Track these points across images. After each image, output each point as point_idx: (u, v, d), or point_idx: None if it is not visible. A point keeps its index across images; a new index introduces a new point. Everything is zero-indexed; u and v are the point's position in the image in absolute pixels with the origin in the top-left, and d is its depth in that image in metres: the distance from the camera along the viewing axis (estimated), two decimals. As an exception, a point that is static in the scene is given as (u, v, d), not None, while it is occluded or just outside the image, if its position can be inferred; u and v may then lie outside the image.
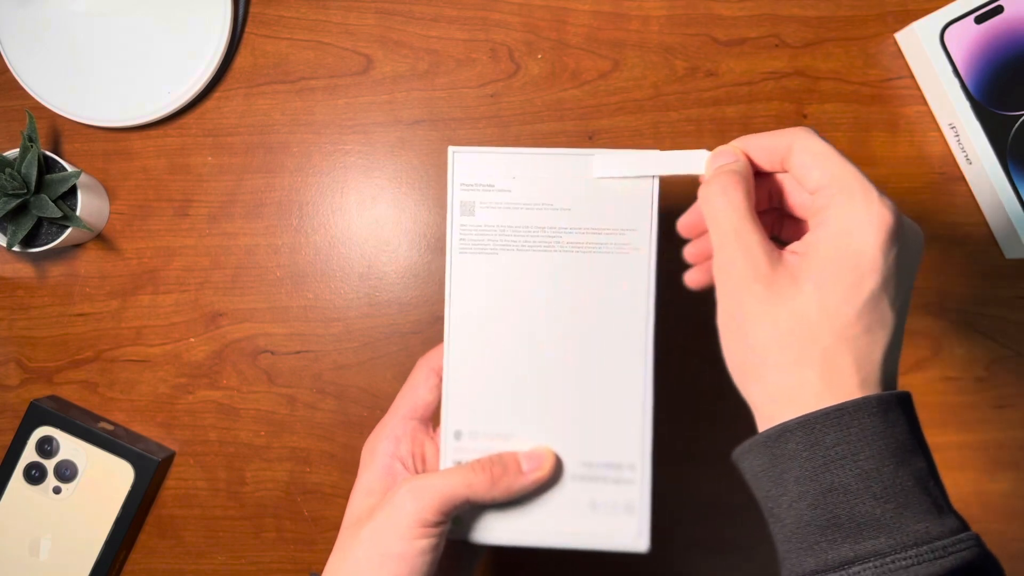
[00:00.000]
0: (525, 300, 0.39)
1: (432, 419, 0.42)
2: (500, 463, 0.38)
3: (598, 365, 0.39)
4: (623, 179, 0.39)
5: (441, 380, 0.40)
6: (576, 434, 0.39)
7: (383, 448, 0.40)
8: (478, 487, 0.37)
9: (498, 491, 0.37)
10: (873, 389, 0.31)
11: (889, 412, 0.30)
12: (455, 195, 0.39)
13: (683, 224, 0.39)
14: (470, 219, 0.39)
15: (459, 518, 0.39)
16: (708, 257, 0.38)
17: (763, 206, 0.37)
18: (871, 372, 0.31)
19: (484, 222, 0.39)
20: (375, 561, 0.35)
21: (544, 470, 0.38)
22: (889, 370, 0.32)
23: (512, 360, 0.39)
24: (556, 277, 0.39)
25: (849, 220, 0.31)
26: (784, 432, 0.31)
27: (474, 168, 0.39)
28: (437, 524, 0.36)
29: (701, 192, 0.35)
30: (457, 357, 0.39)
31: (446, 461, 0.39)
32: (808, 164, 0.33)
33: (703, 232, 0.39)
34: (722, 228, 0.34)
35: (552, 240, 0.39)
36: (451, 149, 0.39)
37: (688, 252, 0.40)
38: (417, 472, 0.40)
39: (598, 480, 0.39)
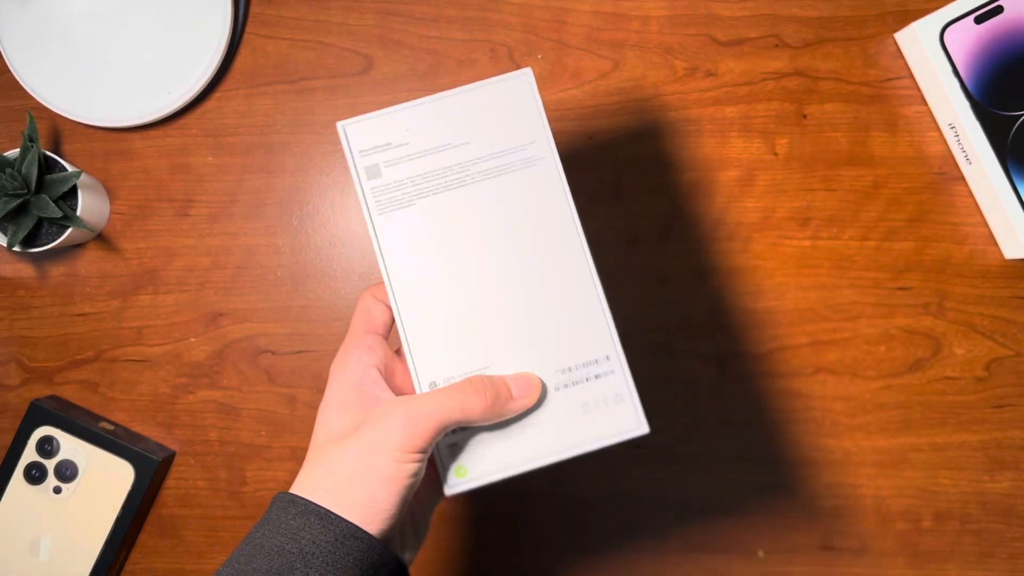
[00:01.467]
0: (456, 238, 0.40)
1: (388, 337, 0.42)
2: (492, 387, 0.38)
3: (544, 275, 0.40)
4: (505, 97, 0.41)
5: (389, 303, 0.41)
6: (547, 347, 0.40)
7: (356, 358, 0.39)
8: (472, 411, 0.37)
9: (491, 413, 0.37)
10: None
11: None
12: (358, 163, 0.40)
13: None
14: (378, 180, 0.40)
15: (462, 467, 0.39)
16: None
17: None
18: None
19: (393, 179, 0.40)
20: (362, 481, 0.35)
21: (533, 395, 0.39)
22: None
23: (463, 299, 0.40)
24: (478, 208, 0.40)
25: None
26: None
27: (367, 134, 0.40)
28: (426, 449, 0.36)
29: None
30: (410, 315, 0.40)
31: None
32: None
33: None
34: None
35: (463, 175, 0.40)
36: (340, 124, 0.41)
37: None
38: (391, 385, 0.39)
39: (580, 382, 0.40)
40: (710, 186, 0.58)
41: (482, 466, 0.39)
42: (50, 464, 0.57)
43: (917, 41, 0.55)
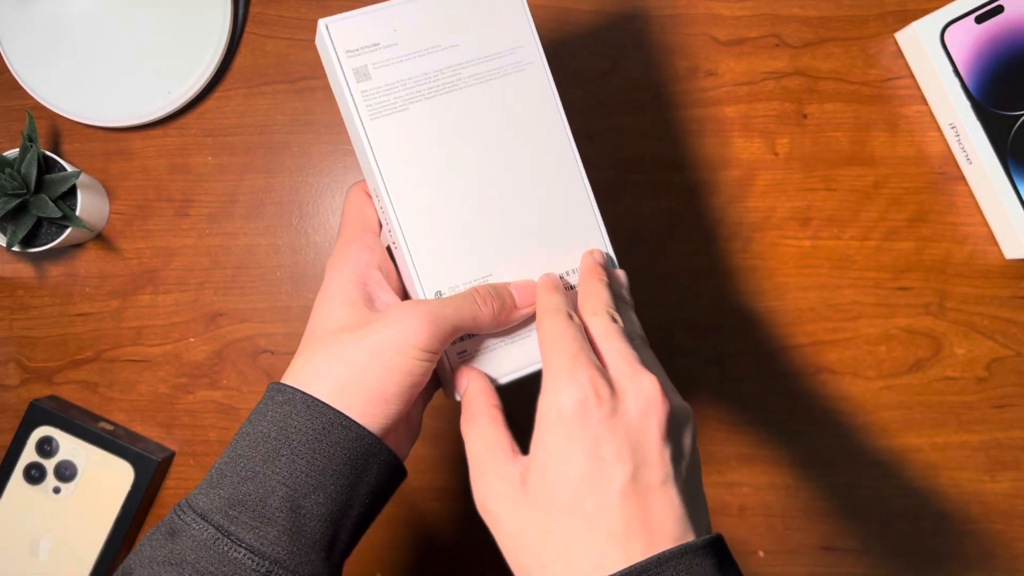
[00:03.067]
0: (452, 144, 0.39)
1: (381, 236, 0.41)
2: (498, 298, 0.38)
3: (538, 180, 0.40)
4: (491, 2, 0.41)
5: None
6: (545, 251, 0.40)
7: (356, 256, 0.39)
8: (482, 320, 0.37)
9: (498, 323, 0.38)
10: (641, 554, 0.30)
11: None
12: (344, 64, 0.38)
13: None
14: (368, 83, 0.38)
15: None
16: None
17: None
18: (642, 530, 0.30)
19: (384, 82, 0.39)
20: (369, 375, 0.35)
21: (535, 304, 0.39)
22: (660, 520, 0.30)
23: (461, 205, 0.39)
24: (472, 112, 0.40)
25: (540, 405, 0.33)
26: None
27: (353, 33, 0.39)
28: (440, 351, 0.36)
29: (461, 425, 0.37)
30: (410, 222, 0.38)
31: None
32: (538, 327, 0.36)
33: None
34: (468, 454, 0.36)
35: (454, 79, 0.40)
36: (322, 21, 0.39)
37: None
38: (394, 284, 0.39)
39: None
40: (710, 186, 0.58)
41: (489, 370, 0.39)
42: (49, 464, 0.57)
43: (917, 41, 0.55)
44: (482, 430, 0.35)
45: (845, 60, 0.58)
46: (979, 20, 0.54)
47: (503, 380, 0.39)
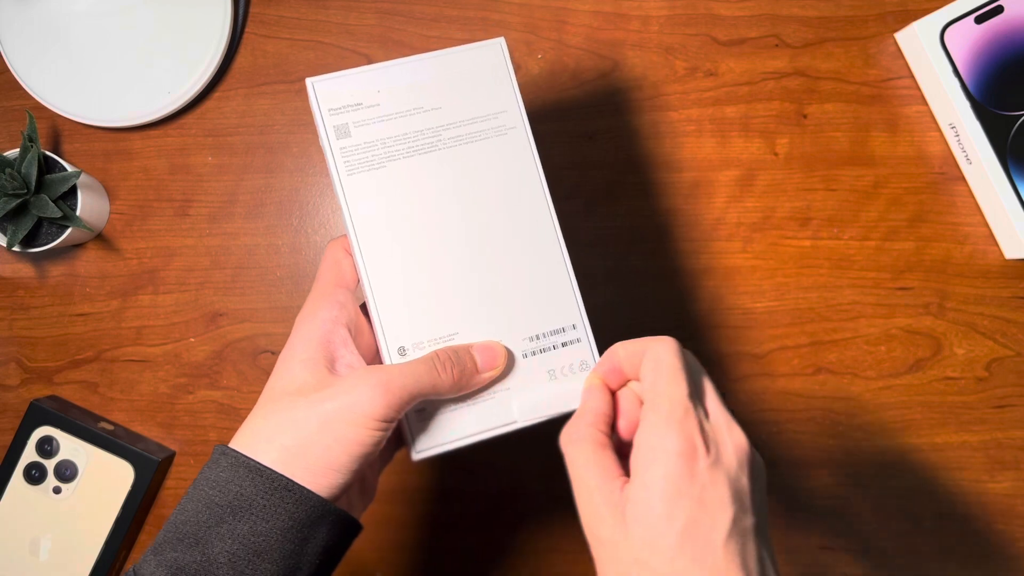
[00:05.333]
0: (426, 203, 0.40)
1: (356, 292, 0.41)
2: (459, 363, 0.38)
3: (513, 243, 0.40)
4: (477, 65, 0.41)
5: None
6: (514, 314, 0.40)
7: (326, 314, 0.38)
8: (441, 386, 0.37)
9: (458, 389, 0.38)
10: None
11: None
12: (327, 122, 0.40)
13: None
14: (348, 140, 0.40)
15: (431, 434, 0.39)
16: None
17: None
18: None
19: (363, 140, 0.40)
20: (320, 442, 0.35)
21: (498, 367, 0.39)
22: None
23: (432, 263, 0.40)
24: (448, 174, 0.40)
25: (646, 445, 0.33)
26: None
27: (337, 93, 0.40)
28: (394, 420, 0.36)
29: (561, 435, 0.36)
30: (378, 277, 0.39)
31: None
32: (646, 375, 0.35)
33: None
34: (570, 471, 0.35)
35: (434, 140, 0.40)
36: (309, 80, 0.40)
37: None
38: (356, 344, 0.39)
39: (547, 350, 0.40)
40: (710, 186, 0.58)
41: (450, 432, 0.39)
42: (50, 464, 0.57)
43: (917, 41, 0.55)
44: (589, 454, 0.34)
45: (845, 60, 0.58)
46: (979, 20, 0.54)
47: (462, 443, 0.39)
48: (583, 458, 0.34)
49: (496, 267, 0.40)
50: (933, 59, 0.54)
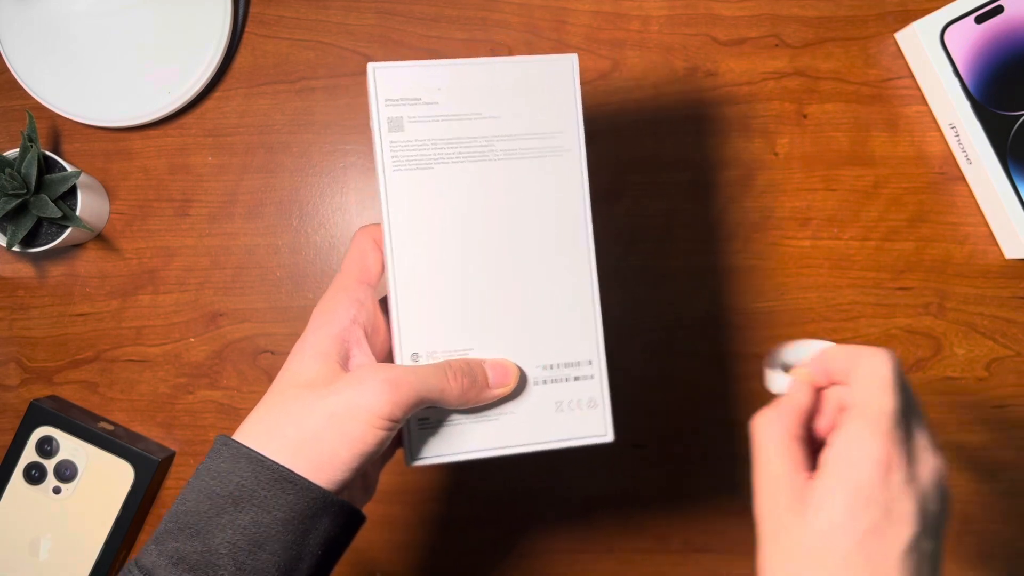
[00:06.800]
0: (465, 212, 0.39)
1: (378, 287, 0.41)
2: (470, 374, 0.37)
3: (545, 268, 0.40)
4: (545, 78, 0.40)
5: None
6: (533, 339, 0.39)
7: (344, 311, 0.38)
8: (449, 394, 0.37)
9: (465, 400, 0.37)
10: None
11: None
12: (381, 112, 0.38)
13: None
14: (400, 135, 0.38)
15: (430, 444, 0.39)
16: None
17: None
18: None
19: (415, 137, 0.39)
20: (324, 436, 0.34)
21: (510, 385, 0.38)
22: None
23: (460, 274, 0.39)
24: (494, 186, 0.39)
25: (845, 447, 0.33)
26: None
27: (397, 83, 0.39)
28: (400, 420, 0.35)
29: (757, 418, 0.37)
30: (404, 278, 0.38)
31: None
32: (858, 382, 0.34)
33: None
34: (759, 454, 0.35)
35: (485, 149, 0.39)
36: (371, 65, 0.38)
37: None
38: (371, 342, 0.38)
39: (560, 381, 0.40)
40: (710, 186, 0.58)
41: (448, 445, 0.39)
42: (50, 464, 0.57)
43: (917, 41, 0.55)
44: (784, 442, 0.35)
45: (845, 60, 0.58)
46: (979, 20, 0.54)
47: (458, 458, 0.39)
48: (776, 445, 0.35)
49: (523, 289, 0.39)
50: (933, 59, 0.54)
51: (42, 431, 0.57)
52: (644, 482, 0.57)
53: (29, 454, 0.57)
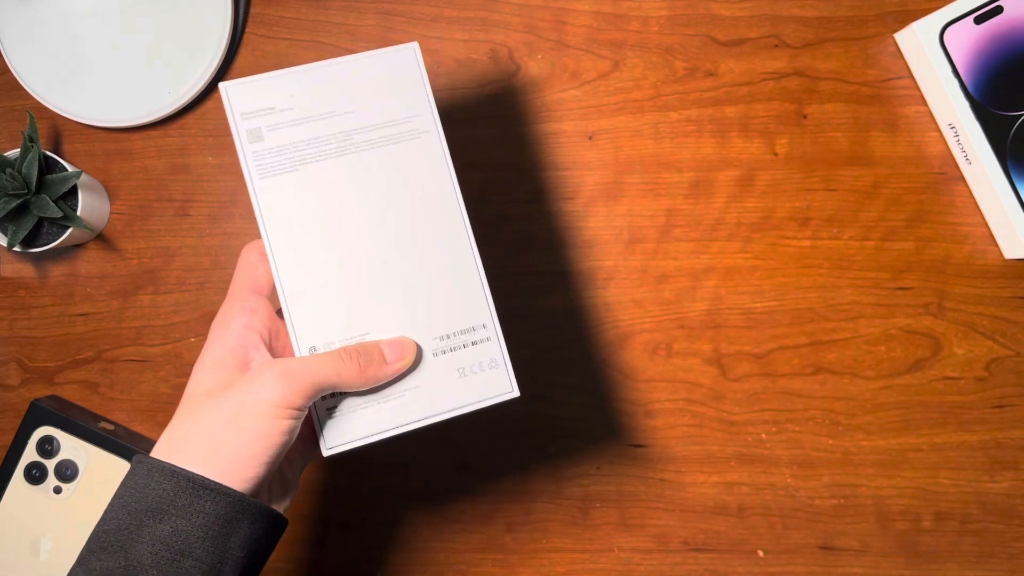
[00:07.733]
0: (339, 206, 0.40)
1: (272, 296, 0.42)
2: (366, 353, 0.38)
3: (424, 245, 0.41)
4: (391, 69, 0.42)
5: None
6: (425, 314, 0.41)
7: (238, 320, 0.39)
8: (346, 376, 0.37)
9: (365, 379, 0.38)
10: None
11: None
12: (239, 126, 0.40)
13: None
14: (261, 144, 0.40)
15: (342, 430, 0.39)
16: None
17: None
18: None
19: (276, 144, 0.40)
20: (230, 437, 0.35)
21: (407, 359, 0.39)
22: None
23: (343, 264, 0.40)
24: (361, 176, 0.41)
25: None
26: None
27: (249, 97, 0.40)
28: (301, 408, 0.36)
29: None
30: (290, 277, 0.40)
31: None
32: None
33: None
34: None
35: (347, 144, 0.41)
36: (222, 84, 0.40)
37: None
38: (272, 347, 0.40)
39: (457, 349, 0.41)
40: (710, 186, 0.58)
41: (361, 428, 0.40)
42: (50, 464, 0.57)
43: (917, 41, 0.55)
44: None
45: (845, 60, 0.58)
46: (978, 21, 0.54)
47: (373, 439, 0.40)
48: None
49: (407, 268, 0.41)
50: (933, 59, 0.54)
51: (43, 431, 0.57)
52: (644, 482, 0.57)
53: (30, 454, 0.57)
